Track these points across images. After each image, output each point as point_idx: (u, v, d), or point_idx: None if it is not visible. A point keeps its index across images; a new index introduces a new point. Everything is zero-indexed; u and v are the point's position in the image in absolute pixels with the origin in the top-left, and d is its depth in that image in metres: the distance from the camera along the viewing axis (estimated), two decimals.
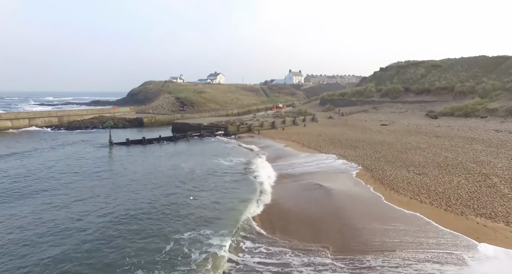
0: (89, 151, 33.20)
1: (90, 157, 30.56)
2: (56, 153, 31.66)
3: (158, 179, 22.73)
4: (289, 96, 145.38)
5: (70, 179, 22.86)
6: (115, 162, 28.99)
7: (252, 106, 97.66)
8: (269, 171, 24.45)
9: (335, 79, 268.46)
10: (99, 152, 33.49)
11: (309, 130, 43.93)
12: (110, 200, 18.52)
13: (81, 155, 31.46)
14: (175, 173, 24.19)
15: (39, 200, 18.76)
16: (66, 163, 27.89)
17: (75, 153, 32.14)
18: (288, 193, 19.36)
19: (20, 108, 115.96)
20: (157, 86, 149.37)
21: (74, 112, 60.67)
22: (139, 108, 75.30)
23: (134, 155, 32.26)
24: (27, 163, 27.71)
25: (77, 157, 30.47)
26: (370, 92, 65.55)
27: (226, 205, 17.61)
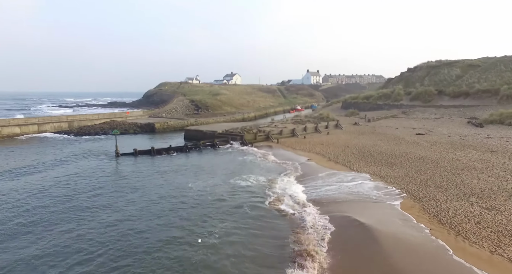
0: (92, 166, 30.11)
1: (91, 174, 27.44)
2: (55, 171, 28.41)
3: (158, 209, 19.08)
4: (307, 97, 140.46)
5: (57, 212, 19.62)
6: (117, 181, 25.68)
7: (269, 108, 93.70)
8: (295, 197, 20.45)
9: (354, 79, 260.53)
10: (103, 166, 30.40)
11: (334, 139, 39.57)
12: (90, 246, 14.62)
13: (82, 172, 28.41)
14: (179, 201, 20.43)
15: (17, 242, 15.54)
16: (64, 184, 24.78)
17: (77, 169, 29.08)
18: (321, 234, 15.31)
19: (38, 110, 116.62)
20: (172, 88, 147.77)
21: (85, 117, 58.59)
22: (152, 111, 72.79)
23: (139, 169, 28.97)
24: (17, 185, 24.75)
25: (78, 174, 27.40)
26: (398, 95, 60.12)
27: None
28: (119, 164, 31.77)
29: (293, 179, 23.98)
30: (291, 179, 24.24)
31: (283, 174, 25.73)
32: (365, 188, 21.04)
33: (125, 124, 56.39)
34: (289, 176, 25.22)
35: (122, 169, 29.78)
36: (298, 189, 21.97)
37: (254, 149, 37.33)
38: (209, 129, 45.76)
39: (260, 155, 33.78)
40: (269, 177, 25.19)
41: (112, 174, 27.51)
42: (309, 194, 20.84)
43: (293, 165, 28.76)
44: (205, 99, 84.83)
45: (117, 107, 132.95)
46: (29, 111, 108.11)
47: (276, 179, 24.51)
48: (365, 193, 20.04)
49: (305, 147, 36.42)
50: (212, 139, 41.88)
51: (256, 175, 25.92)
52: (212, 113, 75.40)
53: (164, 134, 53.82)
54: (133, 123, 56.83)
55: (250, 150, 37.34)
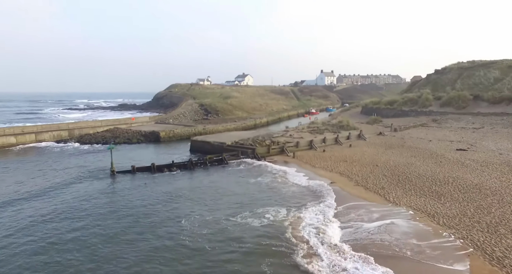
0: (81, 190, 26.01)
1: (77, 202, 23.40)
2: (35, 202, 24.06)
3: (134, 257, 14.74)
4: (321, 99, 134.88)
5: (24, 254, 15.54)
6: (100, 210, 21.49)
7: (283, 112, 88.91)
8: (333, 246, 15.66)
9: (369, 79, 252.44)
10: (93, 189, 26.35)
11: (358, 154, 34.56)
12: None
13: (70, 196, 24.44)
14: (161, 248, 15.94)
15: None
16: (40, 220, 20.76)
17: (63, 196, 24.95)
18: None
19: (48, 114, 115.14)
20: (182, 90, 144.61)
21: (87, 124, 55.21)
22: (159, 117, 69.09)
23: (132, 194, 24.78)
24: None
25: (62, 203, 23.38)
26: (426, 101, 54.19)
27: None
28: (112, 185, 27.71)
29: (321, 218, 19.17)
30: (320, 216, 19.42)
31: (306, 207, 21.02)
32: (410, 234, 16.17)
33: (128, 133, 52.70)
34: (316, 211, 20.50)
35: (113, 193, 25.67)
36: (333, 232, 17.16)
37: (268, 166, 32.70)
38: (217, 140, 41.40)
39: (274, 175, 29.08)
40: (289, 209, 20.57)
41: (100, 200, 23.29)
42: (348, 241, 16.10)
43: (315, 192, 24.02)
44: (215, 103, 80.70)
45: (126, 110, 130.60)
46: (38, 114, 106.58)
47: (300, 214, 19.85)
48: (412, 243, 15.18)
49: (326, 164, 31.58)
50: (220, 152, 37.49)
51: (273, 206, 21.33)
52: (222, 119, 71.17)
53: (169, 143, 49.82)
54: (137, 131, 53.07)
55: (263, 166, 32.76)
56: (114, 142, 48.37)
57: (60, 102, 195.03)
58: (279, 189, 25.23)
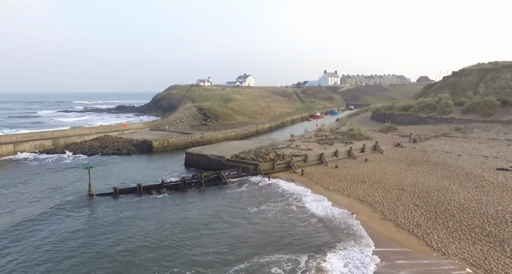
0: (46, 226, 21.34)
1: (38, 238, 18.79)
2: None
3: None
4: (326, 101, 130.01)
5: None
6: (56, 254, 16.86)
7: (286, 116, 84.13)
8: None
9: (373, 80, 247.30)
10: (60, 219, 21.76)
11: (377, 172, 29.79)
12: None
13: (25, 237, 19.79)
14: None
15: None
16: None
17: (19, 233, 20.37)
18: None
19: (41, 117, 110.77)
20: (181, 91, 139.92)
21: (74, 132, 50.59)
22: (154, 123, 64.44)
23: (104, 227, 20.15)
24: None
25: (20, 239, 18.80)
26: (446, 106, 49.12)
27: None
28: (85, 213, 23.14)
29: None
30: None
31: (331, 253, 16.30)
32: None
33: (119, 141, 48.07)
34: (345, 261, 15.81)
35: (91, 221, 21.10)
36: None
37: (273, 188, 27.99)
38: (215, 153, 36.70)
39: (282, 202, 24.33)
40: (308, 257, 15.90)
41: (64, 246, 18.56)
42: None
43: (335, 229, 19.29)
44: (215, 107, 75.99)
45: (124, 112, 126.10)
46: (31, 118, 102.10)
47: (324, 265, 15.18)
48: None
49: (341, 186, 26.82)
50: (218, 168, 32.89)
51: (284, 250, 16.69)
52: (222, 124, 66.47)
53: (163, 154, 45.16)
54: (128, 140, 48.43)
55: (268, 188, 28.05)
56: (102, 153, 43.85)
57: (57, 104, 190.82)
58: (290, 223, 20.53)
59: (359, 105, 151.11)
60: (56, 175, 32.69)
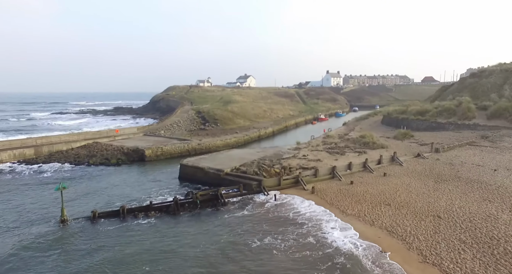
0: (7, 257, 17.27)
1: None
2: None
3: None
4: (329, 102, 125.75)
5: None
6: None
7: (289, 119, 79.90)
8: None
9: (376, 80, 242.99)
10: (22, 265, 17.57)
11: (401, 190, 25.61)
12: None
13: None
14: None
15: None
16: None
17: None
18: None
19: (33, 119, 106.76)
20: (180, 93, 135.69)
21: (60, 139, 46.44)
22: (149, 127, 60.23)
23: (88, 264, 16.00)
24: None
25: None
26: (468, 111, 44.60)
27: None
28: (62, 244, 18.97)
29: None
30: None
31: None
32: None
33: (108, 149, 43.91)
34: None
35: (58, 262, 16.88)
36: None
37: (280, 210, 23.81)
38: (212, 165, 32.51)
39: (292, 231, 20.11)
40: None
41: None
42: None
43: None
44: (214, 110, 71.78)
45: (121, 114, 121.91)
46: (21, 122, 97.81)
47: None
48: None
49: (360, 208, 22.65)
50: (216, 183, 28.84)
51: None
52: (222, 129, 62.28)
53: (156, 164, 40.97)
54: (118, 148, 44.28)
55: (275, 211, 23.87)
56: (88, 163, 39.66)
57: (53, 105, 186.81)
58: (308, 264, 16.33)
59: (363, 106, 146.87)
60: (28, 193, 28.45)
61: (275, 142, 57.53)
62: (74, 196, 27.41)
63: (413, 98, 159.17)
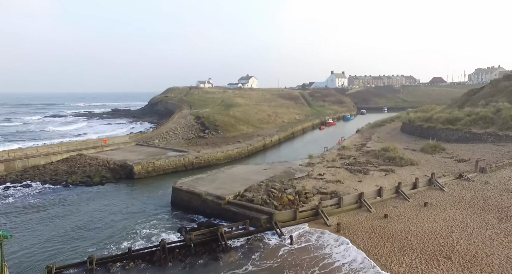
0: None
1: None
2: None
3: None
4: (336, 105, 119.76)
5: None
6: None
7: (296, 124, 73.97)
8: None
9: (381, 80, 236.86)
10: None
11: (456, 232, 19.77)
12: None
13: None
14: None
15: None
16: None
17: None
18: None
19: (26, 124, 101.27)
20: (179, 95, 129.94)
21: (38, 151, 40.69)
22: (142, 135, 54.39)
23: None
24: None
25: None
26: (511, 119, 38.27)
27: None
28: None
29: None
30: None
31: None
32: None
33: (92, 164, 38.14)
34: None
35: None
36: None
37: (302, 259, 17.94)
38: (211, 190, 26.68)
39: None
40: None
41: None
42: None
43: None
44: (214, 115, 65.94)
45: (117, 117, 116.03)
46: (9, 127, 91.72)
47: None
48: None
49: (410, 262, 16.81)
50: (215, 213, 23.05)
51: None
52: (223, 137, 56.45)
53: (147, 183, 35.16)
54: (104, 162, 38.51)
55: (294, 260, 18.05)
56: (66, 183, 33.86)
57: (49, 107, 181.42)
58: None
59: (370, 108, 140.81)
60: None
61: (281, 152, 51.74)
62: (31, 241, 21.23)
63: (422, 100, 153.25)
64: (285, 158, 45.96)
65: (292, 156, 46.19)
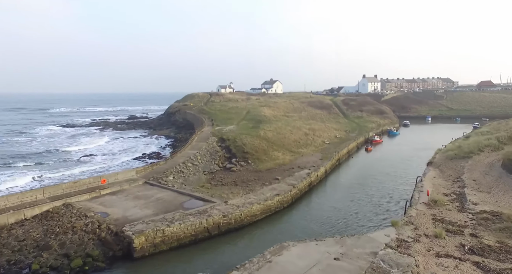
0: None
1: None
2: None
3: None
4: (376, 115, 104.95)
5: None
6: None
7: (339, 145, 60.60)
8: None
9: (416, 84, 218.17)
10: None
11: None
12: None
13: None
14: None
15: None
16: None
17: None
18: None
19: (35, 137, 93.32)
20: (199, 103, 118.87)
21: (8, 201, 29.54)
22: (152, 168, 42.70)
23: None
24: None
25: None
26: None
27: None
28: None
29: None
30: None
31: None
32: None
33: (75, 228, 26.65)
34: None
35: None
36: None
37: None
38: None
39: None
40: None
41: None
42: None
43: None
44: (242, 138, 53.72)
45: (132, 129, 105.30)
46: (16, 143, 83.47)
47: None
48: None
49: None
50: None
51: None
52: (255, 169, 44.13)
53: (153, 266, 23.23)
54: (95, 225, 26.97)
55: None
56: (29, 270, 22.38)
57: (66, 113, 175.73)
58: None
59: (411, 118, 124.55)
60: None
61: (335, 196, 38.76)
62: None
63: (471, 108, 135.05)
64: (341, 206, 33.39)
65: (352, 207, 33.48)
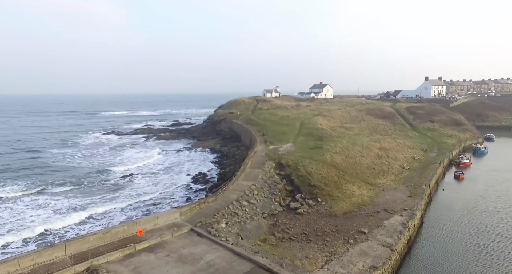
0: None
1: None
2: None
3: None
4: (451, 127, 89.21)
5: None
6: None
7: (421, 171, 48.38)
8: None
9: (487, 86, 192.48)
10: None
11: None
12: None
13: None
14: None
15: None
16: None
17: None
18: None
19: (85, 148, 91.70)
20: (246, 111, 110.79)
21: (20, 265, 22.88)
22: (200, 207, 34.46)
23: None
24: None
25: None
26: None
27: None
28: None
29: None
30: None
31: None
32: None
33: None
34: None
35: None
36: None
37: None
38: None
39: None
40: None
41: None
42: None
43: None
44: (305, 163, 43.91)
45: (175, 138, 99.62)
46: (58, 155, 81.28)
47: None
48: None
49: None
50: None
51: None
52: (327, 212, 34.18)
53: None
54: None
55: None
56: None
57: (114, 118, 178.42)
58: None
59: (490, 128, 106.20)
60: None
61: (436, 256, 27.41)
62: None
63: None
64: None
65: None
